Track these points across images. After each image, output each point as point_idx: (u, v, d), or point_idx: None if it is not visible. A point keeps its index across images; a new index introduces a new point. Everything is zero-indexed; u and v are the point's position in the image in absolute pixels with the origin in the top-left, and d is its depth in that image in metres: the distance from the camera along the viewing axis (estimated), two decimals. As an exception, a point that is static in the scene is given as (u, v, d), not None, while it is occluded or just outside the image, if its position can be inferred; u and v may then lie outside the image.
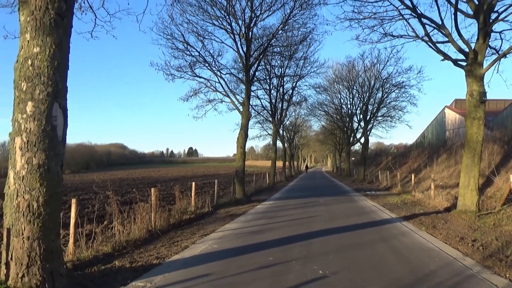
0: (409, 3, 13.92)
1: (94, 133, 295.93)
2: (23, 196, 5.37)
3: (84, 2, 8.80)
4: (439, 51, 14.03)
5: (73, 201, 8.20)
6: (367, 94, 39.81)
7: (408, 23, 15.04)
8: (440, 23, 13.76)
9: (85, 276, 6.48)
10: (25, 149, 5.40)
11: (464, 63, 13.30)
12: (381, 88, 38.79)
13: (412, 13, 14.29)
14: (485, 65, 13.02)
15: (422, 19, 14.08)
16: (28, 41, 5.56)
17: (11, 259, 5.37)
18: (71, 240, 7.88)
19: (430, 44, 14.20)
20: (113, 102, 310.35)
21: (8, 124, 5.61)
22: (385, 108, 41.14)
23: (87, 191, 28.63)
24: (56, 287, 5.48)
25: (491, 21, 12.71)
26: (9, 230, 5.41)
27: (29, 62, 5.52)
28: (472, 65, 12.90)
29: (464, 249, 8.16)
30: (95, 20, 9.30)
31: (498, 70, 14.18)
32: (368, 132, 41.40)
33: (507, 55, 13.00)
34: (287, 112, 42.09)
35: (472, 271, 6.49)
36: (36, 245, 5.35)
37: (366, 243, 8.84)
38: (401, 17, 14.84)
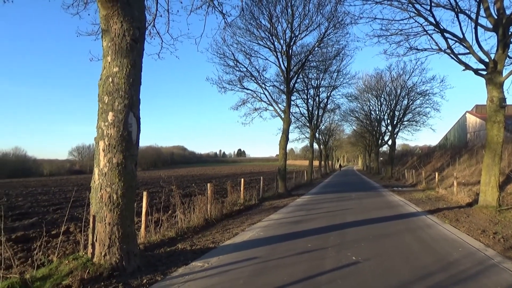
0: (432, 20, 13.38)
1: (160, 137, 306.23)
2: (105, 189, 5.62)
3: (153, 29, 9.12)
4: (460, 62, 13.35)
5: (144, 193, 8.46)
6: (394, 102, 38.56)
7: (432, 38, 14.47)
8: (462, 36, 13.12)
9: (154, 256, 6.67)
10: (107, 150, 5.65)
11: (484, 72, 12.59)
12: (406, 96, 37.47)
13: (435, 29, 13.72)
14: (504, 73, 12.25)
15: (445, 33, 13.49)
16: (109, 62, 5.83)
17: (96, 240, 5.63)
18: (143, 226, 8.15)
19: (452, 56, 13.55)
20: (175, 111, 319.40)
21: (93, 131, 5.90)
22: (411, 114, 39.59)
23: (155, 185, 29.55)
24: (131, 264, 5.68)
25: (510, 33, 11.96)
26: (95, 216, 5.68)
27: (110, 79, 5.78)
28: (492, 73, 12.19)
29: (486, 240, 7.69)
30: (162, 43, 9.62)
31: (517, 77, 13.31)
32: (395, 135, 40.00)
33: (526, 64, 12.20)
34: (323, 118, 41.41)
35: (494, 261, 6.10)
36: (115, 229, 5.58)
37: (394, 233, 8.53)
38: (425, 33, 14.29)
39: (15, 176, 66.15)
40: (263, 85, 23.22)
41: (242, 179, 16.36)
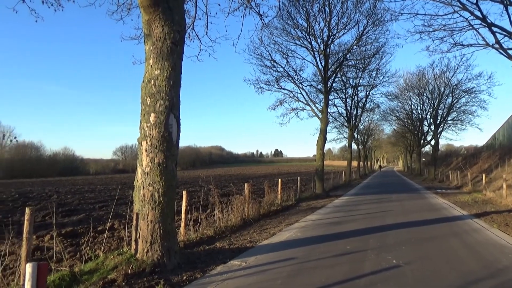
0: (479, 14, 12.73)
1: (198, 137, 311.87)
2: (148, 188, 5.81)
3: (192, 32, 9.35)
4: (510, 57, 12.60)
5: (184, 192, 8.63)
6: (437, 100, 36.91)
7: (478, 33, 13.75)
8: (511, 30, 12.38)
9: (193, 254, 6.81)
10: (149, 150, 5.85)
11: (538, 68, 11.81)
12: (451, 94, 35.68)
13: (482, 23, 13.05)
14: (561, 68, 11.44)
15: (493, 27, 12.80)
16: (151, 65, 6.03)
17: (139, 237, 5.84)
18: (182, 224, 8.33)
19: (501, 51, 12.82)
20: (213, 111, 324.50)
21: (136, 131, 6.13)
22: (455, 113, 37.59)
23: (193, 185, 30.14)
24: (171, 261, 5.84)
25: None
26: (137, 214, 5.89)
27: (152, 82, 5.97)
28: (546, 69, 11.42)
29: (540, 247, 7.20)
30: (200, 46, 9.83)
31: None
32: (438, 135, 38.28)
33: None
34: (361, 118, 40.57)
35: (549, 269, 5.71)
36: (157, 227, 5.76)
37: (437, 237, 8.18)
38: (471, 28, 13.59)
39: (64, 174, 70.06)
40: (300, 85, 23.18)
41: (280, 180, 16.34)
